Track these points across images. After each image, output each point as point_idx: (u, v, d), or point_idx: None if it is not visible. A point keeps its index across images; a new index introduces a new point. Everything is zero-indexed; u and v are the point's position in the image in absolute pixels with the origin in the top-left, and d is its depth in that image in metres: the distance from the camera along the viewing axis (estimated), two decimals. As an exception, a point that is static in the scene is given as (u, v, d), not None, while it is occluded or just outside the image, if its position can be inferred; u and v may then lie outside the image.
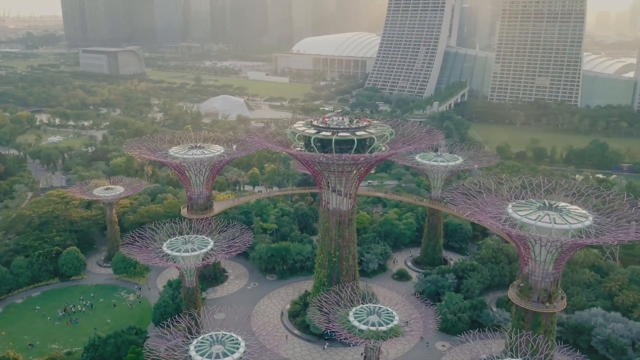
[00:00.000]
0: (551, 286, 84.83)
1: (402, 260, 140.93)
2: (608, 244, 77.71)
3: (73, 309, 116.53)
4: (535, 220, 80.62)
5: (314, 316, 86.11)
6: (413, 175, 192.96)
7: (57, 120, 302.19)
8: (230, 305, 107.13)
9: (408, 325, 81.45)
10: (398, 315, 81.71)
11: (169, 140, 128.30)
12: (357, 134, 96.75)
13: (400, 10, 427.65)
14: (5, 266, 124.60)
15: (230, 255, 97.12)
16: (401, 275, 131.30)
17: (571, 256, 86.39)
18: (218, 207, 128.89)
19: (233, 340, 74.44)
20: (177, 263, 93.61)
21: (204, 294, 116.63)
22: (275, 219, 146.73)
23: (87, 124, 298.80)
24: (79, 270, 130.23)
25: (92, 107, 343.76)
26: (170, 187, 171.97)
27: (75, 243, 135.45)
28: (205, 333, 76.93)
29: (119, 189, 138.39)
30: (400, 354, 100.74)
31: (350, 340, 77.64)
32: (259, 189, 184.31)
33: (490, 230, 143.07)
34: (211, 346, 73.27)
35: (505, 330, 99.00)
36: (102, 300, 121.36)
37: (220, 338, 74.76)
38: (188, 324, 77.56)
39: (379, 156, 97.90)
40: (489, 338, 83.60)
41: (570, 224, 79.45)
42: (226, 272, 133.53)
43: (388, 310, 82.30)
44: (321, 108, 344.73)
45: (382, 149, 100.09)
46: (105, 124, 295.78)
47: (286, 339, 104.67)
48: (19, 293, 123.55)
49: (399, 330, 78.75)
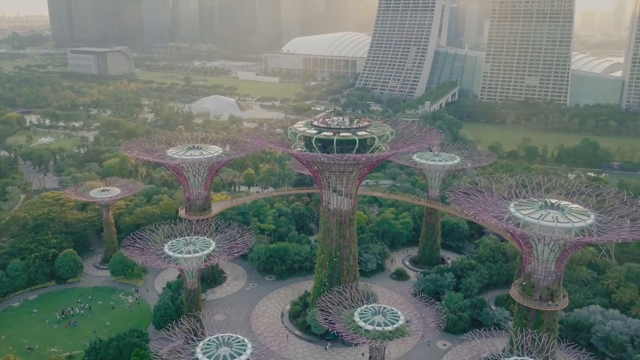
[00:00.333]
0: (553, 284, 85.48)
1: (400, 260, 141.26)
2: (612, 242, 78.08)
3: (71, 312, 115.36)
4: (538, 219, 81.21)
5: (319, 317, 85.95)
6: (408, 174, 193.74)
7: (47, 121, 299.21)
8: (230, 306, 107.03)
9: (413, 325, 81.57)
10: (403, 315, 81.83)
11: (165, 141, 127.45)
12: (359, 134, 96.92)
13: (390, 11, 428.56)
14: (1, 269, 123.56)
15: (233, 257, 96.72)
16: (400, 275, 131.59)
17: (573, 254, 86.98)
18: (216, 208, 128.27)
19: (239, 342, 74.09)
20: (179, 264, 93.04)
21: (203, 296, 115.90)
22: (272, 219, 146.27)
23: (78, 124, 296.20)
24: (75, 273, 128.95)
25: (82, 108, 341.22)
26: (165, 188, 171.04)
27: (72, 245, 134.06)
28: (209, 335, 76.51)
29: (115, 191, 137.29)
30: (402, 353, 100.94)
31: (357, 341, 77.61)
32: (256, 190, 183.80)
33: (486, 229, 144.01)
34: (218, 348, 72.85)
35: (507, 329, 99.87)
36: (100, 302, 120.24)
37: (226, 340, 74.39)
38: (193, 326, 76.86)
39: (380, 156, 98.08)
40: (490, 337, 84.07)
41: (573, 222, 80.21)
42: (224, 273, 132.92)
43: (393, 310, 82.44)
44: (313, 108, 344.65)
45: (383, 149, 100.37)
46: (96, 124, 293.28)
47: (287, 339, 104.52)
48: (16, 296, 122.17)
49: (405, 330, 78.87)
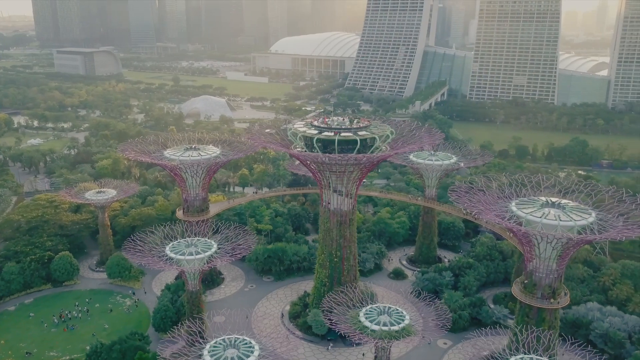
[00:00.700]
0: (555, 282, 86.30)
1: (397, 259, 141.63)
2: (616, 240, 79.10)
3: (69, 315, 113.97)
4: (540, 217, 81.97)
5: (325, 317, 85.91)
6: (401, 174, 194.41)
7: (36, 123, 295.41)
8: (230, 308, 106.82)
9: (419, 324, 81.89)
10: (408, 314, 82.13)
11: (161, 142, 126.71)
12: (360, 134, 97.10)
13: (379, 10, 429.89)
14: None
15: (236, 258, 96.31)
16: (397, 274, 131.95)
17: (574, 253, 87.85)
18: (214, 209, 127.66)
19: (247, 344, 73.83)
20: (181, 266, 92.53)
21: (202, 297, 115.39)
22: (269, 219, 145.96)
23: (67, 125, 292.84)
24: (71, 276, 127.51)
25: (71, 109, 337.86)
26: (159, 189, 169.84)
27: (67, 248, 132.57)
28: (210, 337, 76.16)
29: (111, 192, 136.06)
30: (403, 352, 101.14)
31: (364, 341, 77.74)
32: (253, 190, 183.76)
33: (482, 228, 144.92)
34: (225, 350, 72.58)
35: (506, 327, 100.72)
36: (98, 305, 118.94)
37: (233, 342, 74.10)
38: (199, 328, 76.48)
39: (381, 156, 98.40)
40: (491, 335, 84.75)
41: (575, 220, 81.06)
42: (222, 275, 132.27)
43: (398, 309, 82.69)
44: (303, 108, 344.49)
45: (383, 148, 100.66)
46: (85, 125, 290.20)
47: (287, 339, 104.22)
48: (11, 300, 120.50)
49: (411, 329, 79.16)
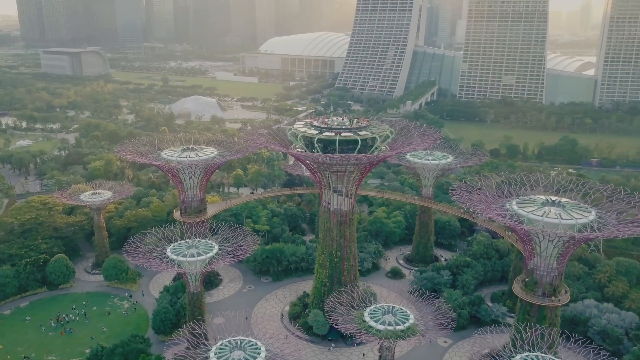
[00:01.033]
0: (555, 280, 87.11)
1: (394, 258, 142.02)
2: (618, 237, 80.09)
3: (66, 319, 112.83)
4: (542, 216, 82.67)
5: (330, 317, 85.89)
6: (395, 173, 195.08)
7: (24, 124, 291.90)
8: (229, 309, 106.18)
9: (424, 324, 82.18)
10: (412, 314, 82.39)
11: (155, 142, 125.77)
12: (360, 134, 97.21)
13: (369, 10, 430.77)
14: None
15: (238, 259, 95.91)
16: (395, 273, 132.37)
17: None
18: (211, 210, 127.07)
19: (253, 345, 73.57)
20: (183, 268, 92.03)
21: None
22: (266, 220, 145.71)
23: (56, 126, 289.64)
24: (67, 278, 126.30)
25: (59, 110, 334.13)
26: (153, 191, 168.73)
27: (62, 250, 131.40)
28: (219, 339, 75.85)
29: (106, 194, 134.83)
30: (404, 352, 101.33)
31: (369, 341, 77.86)
32: (250, 191, 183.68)
33: (477, 226, 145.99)
34: (231, 352, 72.27)
35: (505, 325, 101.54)
36: (95, 308, 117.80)
37: (239, 343, 73.80)
38: (203, 330, 76.14)
39: (382, 156, 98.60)
40: (491, 333, 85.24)
41: (576, 219, 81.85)
42: (219, 276, 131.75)
43: (402, 309, 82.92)
44: (294, 108, 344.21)
45: (383, 148, 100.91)
46: (74, 126, 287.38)
47: (286, 339, 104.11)
48: (6, 304, 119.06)
49: (416, 329, 79.42)
